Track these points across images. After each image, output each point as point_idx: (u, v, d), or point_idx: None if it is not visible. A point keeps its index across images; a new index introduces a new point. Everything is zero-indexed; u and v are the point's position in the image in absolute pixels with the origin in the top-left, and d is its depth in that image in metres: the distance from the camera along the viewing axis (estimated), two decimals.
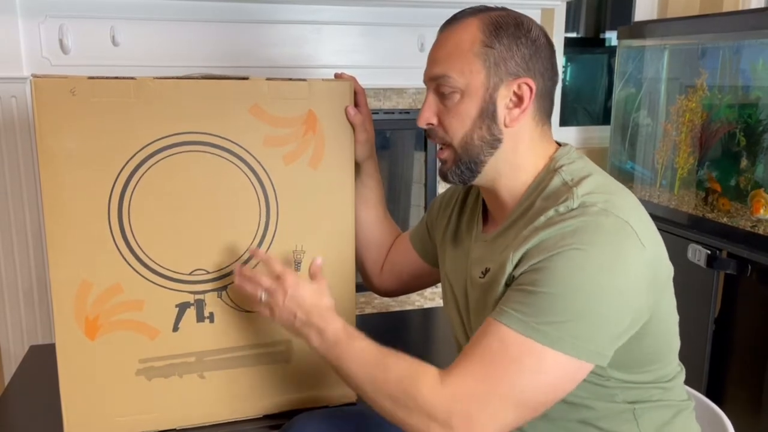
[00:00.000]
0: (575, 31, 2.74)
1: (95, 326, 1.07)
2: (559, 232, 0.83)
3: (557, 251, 0.82)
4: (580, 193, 0.86)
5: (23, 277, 1.83)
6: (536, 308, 0.81)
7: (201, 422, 1.16)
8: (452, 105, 0.93)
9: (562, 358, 0.80)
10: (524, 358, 0.80)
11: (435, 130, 0.96)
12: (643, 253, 0.83)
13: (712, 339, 1.87)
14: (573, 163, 0.93)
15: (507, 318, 0.82)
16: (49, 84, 1.00)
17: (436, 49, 0.95)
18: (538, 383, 0.81)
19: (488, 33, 0.91)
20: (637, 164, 2.32)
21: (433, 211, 1.21)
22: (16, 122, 1.76)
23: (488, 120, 0.92)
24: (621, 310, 0.82)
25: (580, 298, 0.80)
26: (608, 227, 0.82)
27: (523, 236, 0.87)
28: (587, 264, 0.81)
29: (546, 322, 0.80)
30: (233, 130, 1.09)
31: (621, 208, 0.85)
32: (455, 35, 0.93)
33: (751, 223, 1.78)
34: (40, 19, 1.73)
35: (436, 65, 0.94)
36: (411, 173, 2.29)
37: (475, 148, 0.93)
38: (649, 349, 0.90)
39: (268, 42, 1.93)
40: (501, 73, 0.91)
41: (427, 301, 2.25)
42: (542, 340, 0.80)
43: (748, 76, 1.85)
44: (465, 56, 0.91)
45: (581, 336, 0.80)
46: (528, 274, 0.84)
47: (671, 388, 0.95)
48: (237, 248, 1.13)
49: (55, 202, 1.03)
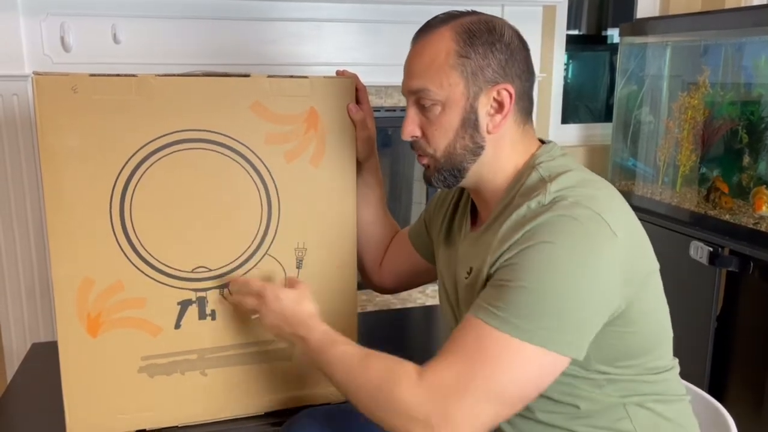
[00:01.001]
0: (577, 29, 2.74)
1: (97, 323, 1.07)
2: (531, 228, 0.84)
3: (528, 245, 0.83)
4: (553, 189, 0.87)
5: (25, 274, 1.84)
6: (510, 303, 0.81)
7: (203, 419, 1.16)
8: (434, 117, 0.93)
9: (538, 352, 0.81)
10: (500, 353, 0.81)
11: (419, 142, 0.97)
12: (615, 243, 0.83)
13: (714, 336, 1.87)
14: (553, 160, 0.94)
15: (482, 313, 0.83)
16: (51, 81, 1.00)
17: (412, 62, 0.95)
18: (515, 378, 0.82)
19: (462, 43, 0.91)
20: (639, 161, 2.32)
21: (430, 208, 1.22)
22: (18, 120, 1.76)
23: (471, 129, 0.93)
24: (593, 300, 0.82)
25: (551, 290, 0.81)
26: (578, 219, 0.83)
27: (499, 237, 0.87)
28: (558, 256, 0.81)
29: (520, 316, 0.81)
30: (235, 128, 1.09)
31: (593, 199, 0.85)
32: (430, 47, 0.92)
33: (753, 220, 1.78)
34: (41, 16, 1.74)
35: (414, 79, 0.93)
36: (412, 171, 2.29)
37: (458, 156, 0.94)
38: (634, 341, 0.89)
39: (270, 39, 1.93)
40: (479, 81, 0.91)
41: (429, 298, 2.25)
42: (517, 334, 0.80)
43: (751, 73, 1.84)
44: (442, 69, 0.91)
45: (555, 328, 0.81)
46: (502, 270, 0.85)
47: (664, 381, 0.94)
48: (239, 246, 1.13)
49: (57, 199, 1.03)
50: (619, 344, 0.88)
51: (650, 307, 0.91)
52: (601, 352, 0.87)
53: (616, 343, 0.88)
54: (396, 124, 2.15)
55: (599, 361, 0.88)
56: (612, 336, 0.86)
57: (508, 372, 0.81)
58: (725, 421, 1.05)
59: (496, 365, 0.81)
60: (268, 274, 1.14)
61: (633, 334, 0.88)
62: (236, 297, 1.09)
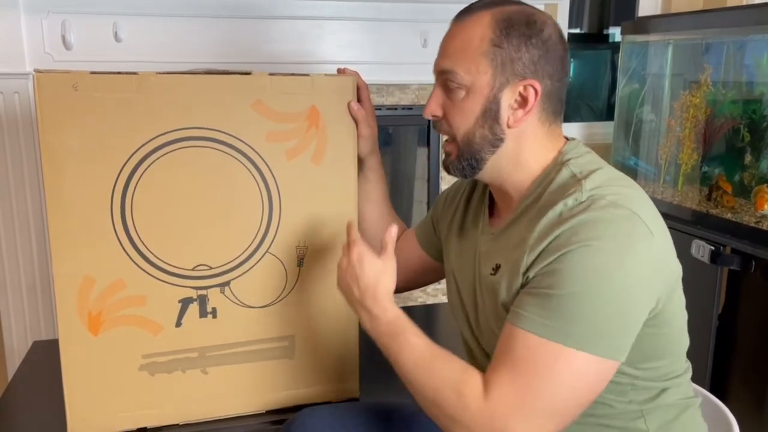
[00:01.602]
0: (579, 27, 2.73)
1: (98, 322, 1.07)
2: (570, 229, 0.83)
3: (569, 249, 0.81)
4: (589, 187, 0.86)
5: (26, 273, 1.84)
6: (557, 311, 0.80)
7: (204, 417, 1.16)
8: (457, 100, 0.92)
9: (591, 359, 0.80)
10: (556, 364, 0.80)
11: (440, 123, 0.96)
12: (653, 242, 0.83)
13: (715, 335, 1.87)
14: (581, 156, 0.93)
15: (530, 324, 0.82)
16: (52, 79, 0.99)
17: (446, 42, 0.94)
18: (573, 388, 0.81)
19: (498, 31, 0.90)
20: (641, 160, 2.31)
21: (438, 205, 1.21)
22: (19, 118, 1.76)
23: (491, 120, 0.92)
24: (636, 301, 0.82)
25: (598, 295, 0.80)
26: (617, 220, 0.82)
27: (535, 236, 0.86)
28: (600, 260, 0.80)
29: (569, 324, 0.80)
30: (236, 126, 1.09)
31: (630, 199, 0.85)
32: (466, 30, 0.92)
33: (755, 219, 1.78)
34: (42, 15, 1.74)
35: (445, 59, 0.93)
36: (414, 169, 2.29)
37: (476, 145, 0.93)
38: (659, 343, 0.89)
39: (271, 38, 1.93)
40: (507, 73, 0.90)
41: (430, 297, 2.25)
42: (570, 342, 0.80)
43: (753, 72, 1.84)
44: (473, 54, 0.90)
45: (605, 333, 0.80)
46: (542, 276, 0.84)
47: (679, 384, 0.94)
48: (240, 244, 1.13)
49: (58, 197, 1.03)
50: (647, 345, 0.88)
51: (678, 308, 0.91)
52: (631, 352, 0.86)
53: (646, 343, 0.87)
54: (397, 122, 2.15)
55: (626, 362, 0.87)
56: (644, 337, 0.86)
57: (567, 384, 0.81)
58: (728, 420, 1.05)
59: (555, 379, 0.80)
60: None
61: (662, 336, 0.89)
62: None
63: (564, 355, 0.80)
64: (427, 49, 2.02)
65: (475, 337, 1.02)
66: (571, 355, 0.80)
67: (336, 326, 1.21)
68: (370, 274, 0.96)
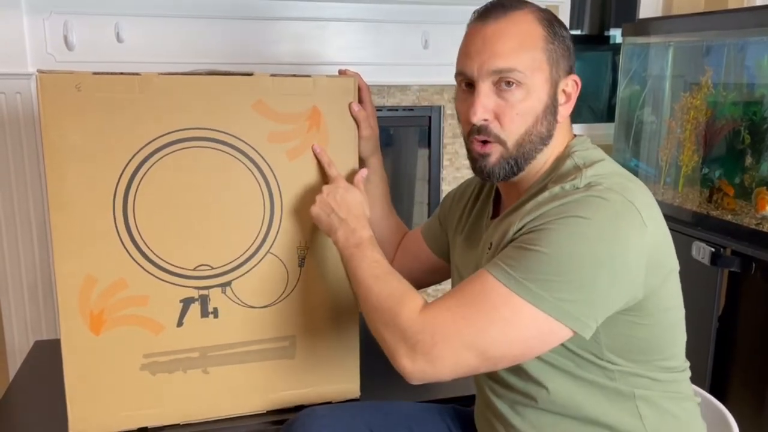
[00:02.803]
0: (580, 29, 2.74)
1: (100, 321, 1.08)
2: (562, 204, 0.85)
3: (557, 217, 0.83)
4: (589, 174, 0.88)
5: (28, 272, 1.84)
6: (525, 264, 0.82)
7: (204, 417, 1.17)
8: (515, 100, 0.90)
9: (540, 316, 0.81)
10: (501, 308, 0.82)
11: (489, 126, 0.92)
12: (644, 232, 0.84)
13: (715, 336, 1.87)
14: (587, 150, 0.95)
15: (495, 269, 0.84)
16: (54, 79, 1.00)
17: (494, 41, 0.90)
18: (508, 335, 0.83)
19: (549, 29, 0.91)
20: (641, 162, 2.31)
21: (445, 205, 1.22)
22: (21, 118, 1.77)
23: (550, 116, 0.93)
24: (613, 283, 0.83)
25: (572, 262, 0.81)
26: (612, 203, 0.83)
27: (527, 208, 0.89)
28: (586, 232, 0.82)
29: (531, 279, 0.81)
30: (237, 126, 1.09)
31: (627, 189, 0.86)
32: (518, 28, 0.90)
33: (756, 221, 1.78)
34: (44, 15, 1.74)
35: (500, 58, 0.89)
36: (415, 170, 2.29)
37: (530, 144, 0.93)
38: (647, 336, 0.90)
39: (273, 39, 1.93)
40: (560, 69, 0.92)
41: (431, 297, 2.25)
42: (524, 294, 0.81)
43: (753, 74, 1.84)
44: (533, 51, 0.90)
45: (564, 298, 0.81)
46: (526, 234, 0.86)
47: (675, 381, 0.95)
48: (241, 244, 1.13)
49: (60, 197, 1.03)
50: (630, 335, 0.89)
51: (668, 304, 0.91)
52: (613, 341, 0.87)
53: (628, 333, 0.88)
54: (398, 123, 2.15)
55: (611, 351, 0.88)
56: (624, 325, 0.87)
57: (503, 329, 0.82)
58: (727, 422, 1.05)
59: (494, 319, 0.82)
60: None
61: (646, 327, 0.89)
62: None
63: (511, 301, 0.82)
64: (428, 50, 2.03)
65: None
66: (519, 304, 0.82)
67: (337, 327, 1.21)
68: (356, 199, 1.07)
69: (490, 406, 1.00)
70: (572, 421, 0.92)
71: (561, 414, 0.92)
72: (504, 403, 0.97)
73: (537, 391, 0.92)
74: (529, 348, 0.84)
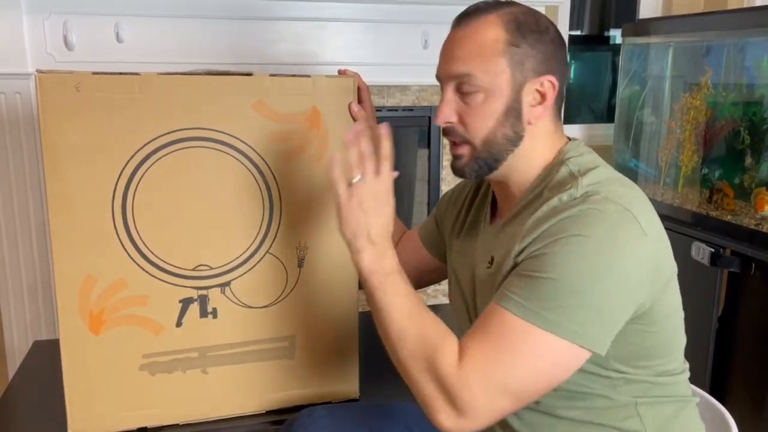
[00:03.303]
0: (579, 29, 2.74)
1: (99, 321, 1.08)
2: (562, 219, 0.84)
3: (558, 237, 0.83)
4: (585, 183, 0.87)
5: (27, 272, 1.84)
6: (535, 293, 0.82)
7: (204, 417, 1.17)
8: (475, 104, 0.92)
9: (560, 343, 0.81)
10: (522, 344, 0.82)
11: (454, 128, 0.94)
12: (644, 240, 0.84)
13: (715, 337, 1.87)
14: (581, 155, 0.94)
15: (507, 302, 0.83)
16: (54, 79, 1.00)
17: (455, 46, 0.92)
18: (535, 371, 0.82)
19: (511, 31, 0.91)
20: (641, 162, 2.31)
21: (441, 205, 1.21)
22: (21, 118, 1.77)
23: (513, 118, 0.92)
24: (620, 296, 0.83)
25: (579, 283, 0.81)
26: (609, 214, 0.83)
27: (527, 227, 0.88)
28: (587, 250, 0.81)
29: (545, 308, 0.81)
30: (237, 126, 1.09)
31: (624, 197, 0.86)
32: (477, 33, 0.91)
33: (755, 221, 1.78)
34: (44, 15, 1.74)
35: (458, 63, 0.91)
36: (414, 171, 2.29)
37: (497, 145, 0.93)
38: (654, 342, 0.90)
39: (272, 39, 1.93)
40: (526, 71, 0.91)
41: (430, 298, 2.25)
42: (542, 324, 0.81)
43: (753, 74, 1.84)
44: (490, 55, 0.90)
45: (579, 321, 0.81)
46: (530, 260, 0.85)
47: (675, 384, 0.95)
48: (240, 244, 1.13)
49: (60, 197, 1.03)
50: (638, 343, 0.89)
51: (670, 308, 0.91)
52: (621, 350, 0.87)
53: (636, 341, 0.88)
54: (398, 123, 2.15)
55: (617, 360, 0.88)
56: (633, 334, 0.87)
57: (529, 364, 0.82)
58: (727, 423, 1.05)
59: (518, 357, 0.82)
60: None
61: (653, 334, 0.89)
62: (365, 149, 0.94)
63: (532, 335, 0.81)
64: (427, 50, 2.03)
65: None
66: (540, 336, 0.81)
67: (336, 327, 1.21)
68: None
69: None
70: (570, 423, 0.92)
71: (560, 417, 0.92)
72: None
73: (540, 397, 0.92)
74: (555, 378, 0.84)
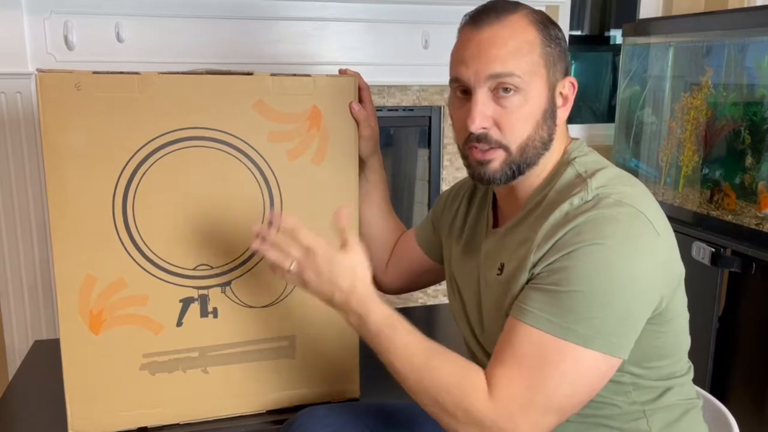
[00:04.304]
0: (580, 29, 2.73)
1: (99, 320, 1.07)
2: (576, 227, 0.83)
3: (575, 247, 0.82)
4: (594, 185, 0.86)
5: (27, 272, 1.84)
6: (563, 308, 0.81)
7: (204, 417, 1.17)
8: (514, 107, 0.88)
9: (597, 357, 0.81)
10: (560, 361, 0.81)
11: (488, 134, 0.89)
12: (658, 242, 0.84)
13: (716, 337, 1.87)
14: (586, 155, 0.94)
15: (534, 319, 0.82)
16: (54, 78, 1.00)
17: (490, 45, 0.88)
18: (575, 384, 0.82)
19: (544, 33, 0.90)
20: (642, 162, 2.31)
21: (438, 207, 1.21)
22: (21, 118, 1.77)
23: (549, 120, 0.91)
24: (642, 300, 0.83)
25: (603, 293, 0.80)
26: (623, 218, 0.83)
27: (541, 236, 0.86)
28: (606, 258, 0.81)
29: (575, 321, 0.80)
30: (237, 126, 1.09)
31: (635, 198, 0.86)
32: (513, 32, 0.88)
33: (756, 221, 1.78)
34: (44, 15, 1.74)
35: (498, 63, 0.87)
36: (415, 170, 2.29)
37: (533, 149, 0.91)
38: (663, 343, 0.90)
39: (273, 39, 1.93)
40: (557, 72, 0.91)
41: (430, 298, 2.25)
42: (575, 339, 0.80)
43: (754, 74, 1.84)
44: (530, 55, 0.88)
45: (610, 331, 0.81)
46: (549, 273, 0.84)
47: (681, 385, 0.95)
48: (241, 244, 1.13)
49: (60, 196, 1.03)
50: (651, 344, 0.88)
51: (680, 309, 0.92)
52: (635, 351, 0.86)
53: (650, 342, 0.88)
54: (398, 123, 2.15)
55: (630, 362, 0.87)
56: (648, 335, 0.87)
57: (571, 381, 0.81)
58: (728, 422, 1.05)
59: (560, 375, 0.81)
60: None
61: (663, 334, 0.89)
62: (271, 247, 0.93)
63: (569, 352, 0.80)
64: (428, 50, 2.03)
65: (478, 341, 1.01)
66: (576, 352, 0.80)
67: (336, 327, 1.21)
68: (347, 275, 0.90)
69: None
70: (578, 426, 0.91)
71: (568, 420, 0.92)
72: None
73: None
74: (593, 389, 0.84)
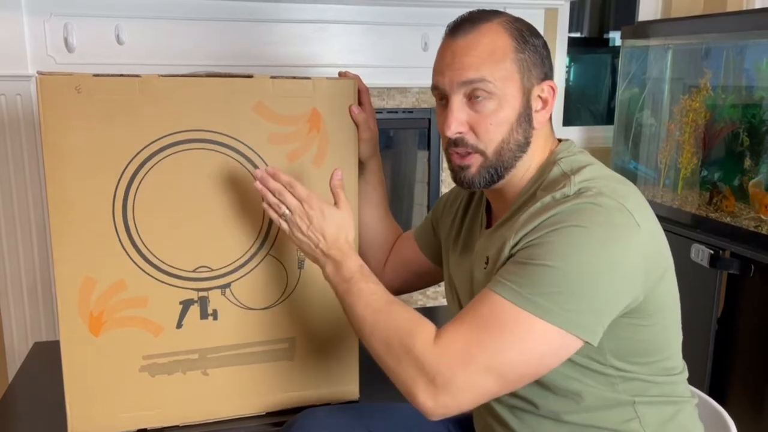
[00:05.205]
0: (579, 31, 2.74)
1: (99, 322, 1.08)
2: (558, 213, 0.85)
3: (556, 227, 0.84)
4: (578, 180, 0.88)
5: (27, 274, 1.84)
6: (530, 279, 0.82)
7: (204, 419, 1.17)
8: (488, 111, 0.91)
9: (551, 330, 0.81)
10: (513, 327, 0.82)
11: (464, 138, 0.93)
12: (639, 233, 0.85)
13: (714, 339, 1.87)
14: (573, 155, 0.96)
15: (500, 287, 0.84)
16: (55, 81, 1.00)
17: (463, 53, 0.91)
18: (523, 354, 0.83)
19: (516, 38, 0.92)
20: (641, 164, 2.32)
21: (438, 209, 1.22)
22: (21, 120, 1.77)
23: (525, 124, 0.93)
24: (614, 287, 0.83)
25: (574, 272, 0.81)
26: (605, 207, 0.84)
27: (521, 221, 0.88)
28: (584, 241, 0.82)
29: (538, 293, 0.81)
30: (237, 128, 1.09)
31: (617, 191, 0.87)
32: (485, 40, 0.91)
33: (755, 223, 1.78)
34: (45, 17, 1.74)
35: (471, 70, 0.90)
36: (414, 172, 2.29)
37: (509, 152, 0.93)
38: (648, 337, 0.90)
39: (273, 41, 1.93)
40: (532, 77, 0.93)
41: (430, 300, 2.25)
42: (533, 310, 0.81)
43: (752, 76, 1.84)
44: (501, 62, 0.91)
45: (572, 309, 0.81)
46: (525, 249, 0.86)
47: (673, 383, 0.95)
48: (241, 246, 1.13)
49: (60, 199, 1.03)
50: (633, 338, 0.89)
51: (665, 302, 0.92)
52: (616, 344, 0.87)
53: (631, 336, 0.89)
54: (398, 125, 2.16)
55: (614, 355, 0.88)
56: (628, 329, 0.87)
57: (518, 348, 0.82)
58: (726, 424, 1.05)
59: (507, 339, 0.82)
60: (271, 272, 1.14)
61: (647, 328, 0.89)
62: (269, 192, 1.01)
63: (523, 320, 0.82)
64: (427, 52, 2.03)
65: None
66: (530, 321, 0.81)
67: (336, 329, 1.22)
68: (337, 228, 1.00)
69: (490, 410, 1.00)
70: (572, 427, 0.92)
71: (561, 420, 0.92)
72: (504, 408, 0.97)
73: (539, 398, 0.92)
74: (543, 364, 0.84)
